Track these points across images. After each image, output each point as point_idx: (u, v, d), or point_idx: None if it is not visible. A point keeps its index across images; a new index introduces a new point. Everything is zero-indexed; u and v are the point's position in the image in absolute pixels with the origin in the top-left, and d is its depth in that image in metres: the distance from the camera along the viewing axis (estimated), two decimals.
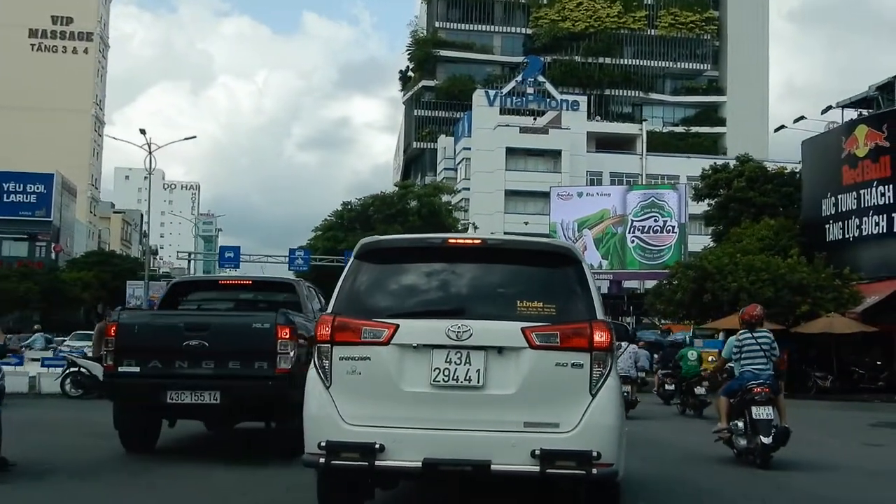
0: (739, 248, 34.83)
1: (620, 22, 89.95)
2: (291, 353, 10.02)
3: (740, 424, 11.66)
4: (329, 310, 6.47)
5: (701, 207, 50.43)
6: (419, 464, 5.97)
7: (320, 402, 6.24)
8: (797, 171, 43.80)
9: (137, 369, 10.43)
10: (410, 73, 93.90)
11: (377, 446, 5.97)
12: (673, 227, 54.20)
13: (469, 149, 76.53)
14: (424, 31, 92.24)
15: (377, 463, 5.99)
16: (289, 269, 51.38)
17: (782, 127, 39.67)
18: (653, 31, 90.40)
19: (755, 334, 12.09)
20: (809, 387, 31.04)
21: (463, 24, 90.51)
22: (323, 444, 6.06)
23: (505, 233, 67.55)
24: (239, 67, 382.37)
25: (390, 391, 6.10)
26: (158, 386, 10.39)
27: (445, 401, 6.07)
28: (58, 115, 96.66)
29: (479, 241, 6.66)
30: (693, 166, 62.62)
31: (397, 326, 6.15)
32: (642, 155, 79.03)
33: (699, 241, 50.48)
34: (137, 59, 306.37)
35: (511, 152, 74.75)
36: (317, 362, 6.32)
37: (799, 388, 31.73)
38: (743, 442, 11.69)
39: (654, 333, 41.32)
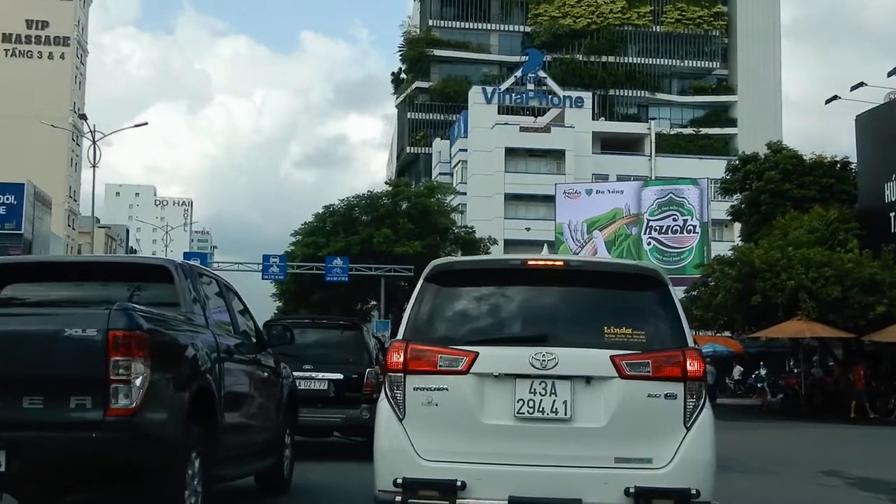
0: (790, 239, 29.17)
1: (624, 18, 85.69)
2: (138, 381, 5.95)
3: None
4: (399, 336, 6.02)
5: (721, 211, 45.69)
6: (504, 502, 5.58)
7: (393, 436, 5.82)
8: (839, 160, 39.02)
9: None
10: (403, 76, 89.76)
11: (458, 484, 5.60)
12: (694, 227, 48.56)
13: (465, 150, 71.90)
14: (417, 31, 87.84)
15: (458, 501, 5.64)
16: (263, 279, 45.97)
17: (835, 98, 34.20)
18: (658, 27, 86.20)
19: None
20: (889, 409, 25.51)
21: (458, 23, 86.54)
22: (399, 480, 5.65)
23: (505, 240, 63.65)
24: (237, 87, 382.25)
25: (470, 424, 5.75)
26: None
27: (530, 434, 5.73)
28: (32, 123, 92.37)
29: (560, 263, 6.36)
30: (706, 167, 58.64)
31: (477, 354, 5.78)
32: (651, 156, 74.47)
33: (718, 248, 45.37)
34: (135, 79, 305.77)
35: (511, 153, 70.07)
36: (388, 393, 5.89)
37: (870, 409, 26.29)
38: None
39: None
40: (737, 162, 42.31)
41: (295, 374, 12.37)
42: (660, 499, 5.51)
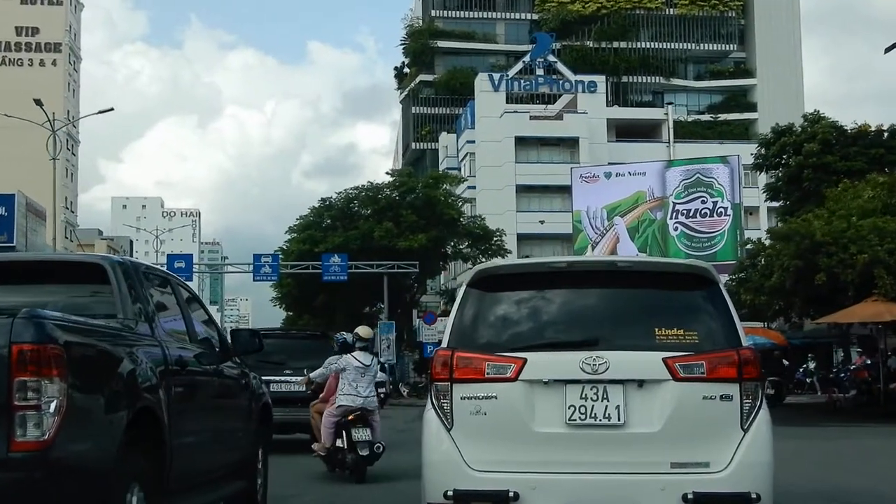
0: (854, 207, 25.18)
1: (636, 1, 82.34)
2: (52, 407, 4.79)
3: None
4: (444, 344, 5.92)
5: (752, 197, 42.03)
6: None
7: (442, 447, 5.72)
8: (886, 128, 35.75)
9: None
10: (406, 70, 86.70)
11: (511, 494, 5.47)
12: (725, 209, 44.93)
13: (473, 141, 68.73)
14: (420, 23, 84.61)
15: None
16: (254, 280, 42.45)
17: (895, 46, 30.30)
18: (672, 10, 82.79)
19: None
20: None
21: (462, 12, 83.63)
22: (450, 493, 5.57)
23: (518, 234, 60.33)
24: (246, 99, 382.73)
25: (521, 432, 5.60)
26: None
27: (583, 441, 5.58)
28: (24, 132, 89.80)
29: (607, 264, 6.55)
30: (727, 153, 54.97)
31: (525, 360, 5.64)
32: (669, 143, 71.01)
33: (749, 235, 41.76)
34: (145, 95, 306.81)
35: (521, 142, 66.66)
36: (435, 402, 5.78)
37: None
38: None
39: None
40: (770, 135, 38.57)
41: (276, 377, 14.20)
42: None
